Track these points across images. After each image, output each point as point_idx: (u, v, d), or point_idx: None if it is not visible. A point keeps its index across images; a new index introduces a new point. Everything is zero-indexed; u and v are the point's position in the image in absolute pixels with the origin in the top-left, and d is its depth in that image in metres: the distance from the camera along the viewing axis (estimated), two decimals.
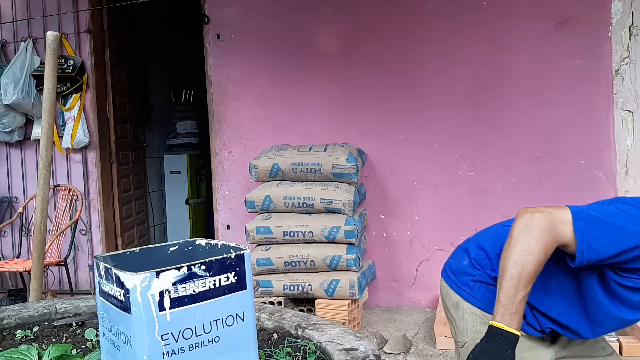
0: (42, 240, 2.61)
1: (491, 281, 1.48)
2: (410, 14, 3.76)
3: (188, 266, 1.01)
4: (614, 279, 1.29)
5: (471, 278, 1.52)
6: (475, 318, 1.49)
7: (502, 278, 1.23)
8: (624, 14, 3.42)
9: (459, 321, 1.54)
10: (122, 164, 4.81)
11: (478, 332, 1.44)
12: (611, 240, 1.21)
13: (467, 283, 1.52)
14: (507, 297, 1.20)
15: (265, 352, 1.48)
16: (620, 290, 1.30)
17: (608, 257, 1.22)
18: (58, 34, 2.54)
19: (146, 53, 5.54)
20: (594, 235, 1.21)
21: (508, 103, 3.62)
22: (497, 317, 1.20)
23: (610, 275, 1.30)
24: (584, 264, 1.24)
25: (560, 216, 1.23)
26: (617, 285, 1.30)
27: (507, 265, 1.22)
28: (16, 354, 1.38)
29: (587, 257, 1.21)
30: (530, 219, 1.23)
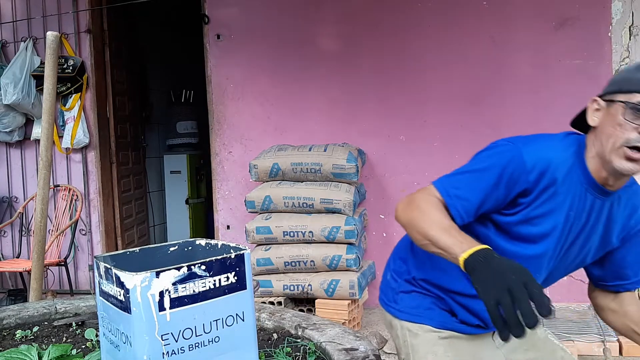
0: (42, 240, 2.62)
1: (411, 287, 1.45)
2: (410, 14, 3.76)
3: (188, 266, 1.01)
4: (503, 220, 1.31)
5: (394, 292, 1.49)
6: (405, 332, 1.45)
7: (431, 242, 1.20)
8: (624, 14, 3.42)
9: (395, 339, 1.50)
10: (122, 164, 4.81)
11: (410, 347, 1.42)
12: (471, 184, 1.26)
13: (393, 298, 1.49)
14: (445, 241, 1.16)
15: (265, 352, 1.48)
16: (514, 228, 1.30)
17: (480, 201, 1.26)
18: (58, 34, 2.54)
19: (146, 53, 5.54)
20: (454, 187, 1.27)
21: (508, 103, 3.62)
22: (460, 255, 1.11)
23: (500, 220, 1.31)
24: (465, 218, 1.26)
25: (426, 189, 1.30)
26: (510, 226, 1.30)
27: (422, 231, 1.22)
28: (16, 354, 1.38)
29: (461, 209, 1.25)
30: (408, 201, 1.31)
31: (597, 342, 2.85)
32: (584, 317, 3.18)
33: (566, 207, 1.28)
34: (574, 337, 2.89)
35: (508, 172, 1.25)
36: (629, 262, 1.42)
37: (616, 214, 1.34)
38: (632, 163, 1.19)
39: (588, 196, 1.29)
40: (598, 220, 1.32)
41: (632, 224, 1.37)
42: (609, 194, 1.30)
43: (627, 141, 1.18)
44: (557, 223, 1.29)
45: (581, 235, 1.34)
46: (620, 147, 1.19)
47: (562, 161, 1.27)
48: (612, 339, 2.86)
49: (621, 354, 2.83)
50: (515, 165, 1.26)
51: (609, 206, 1.32)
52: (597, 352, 2.82)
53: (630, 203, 1.35)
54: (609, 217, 1.33)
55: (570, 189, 1.27)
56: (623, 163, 1.20)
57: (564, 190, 1.27)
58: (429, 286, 1.44)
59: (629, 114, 1.18)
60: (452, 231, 1.18)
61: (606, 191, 1.29)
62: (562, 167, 1.26)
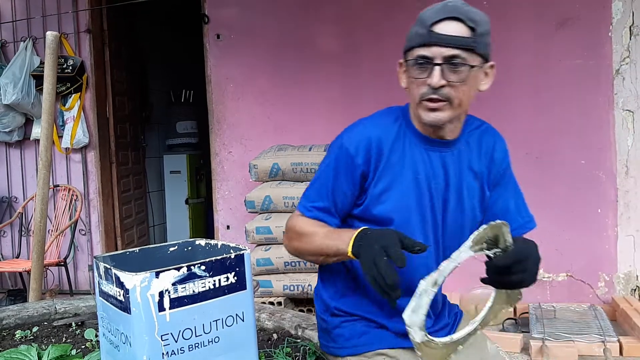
0: (42, 240, 2.61)
1: (338, 319, 1.38)
2: (410, 14, 3.74)
3: (188, 266, 1.01)
4: (359, 211, 1.32)
5: (327, 332, 1.41)
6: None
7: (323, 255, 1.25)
8: (624, 13, 3.42)
9: None
10: (122, 164, 4.81)
11: None
12: (319, 191, 1.32)
13: (329, 338, 1.40)
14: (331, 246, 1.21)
15: (265, 352, 1.48)
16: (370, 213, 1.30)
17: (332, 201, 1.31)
18: (58, 34, 2.54)
19: (146, 53, 5.54)
20: (309, 201, 1.33)
21: (508, 103, 3.62)
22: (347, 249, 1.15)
23: (357, 212, 1.33)
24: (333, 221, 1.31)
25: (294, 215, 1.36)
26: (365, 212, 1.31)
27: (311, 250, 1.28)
28: (16, 354, 1.38)
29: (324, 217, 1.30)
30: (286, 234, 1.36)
31: (598, 342, 2.85)
32: (584, 317, 3.18)
33: (409, 173, 1.28)
34: (574, 337, 2.89)
35: (340, 165, 1.30)
36: (508, 207, 1.38)
37: (472, 159, 1.33)
38: (434, 113, 1.22)
39: (432, 155, 1.30)
40: (460, 172, 1.32)
41: (496, 167, 1.36)
42: (450, 143, 1.31)
43: (422, 95, 1.21)
44: (405, 190, 1.28)
45: (450, 194, 1.31)
46: (420, 102, 1.23)
47: (383, 133, 1.29)
48: (613, 339, 2.86)
49: (621, 354, 2.83)
50: (342, 155, 1.30)
51: (457, 154, 1.32)
52: (597, 353, 2.82)
53: (482, 143, 1.36)
54: (468, 166, 1.33)
55: (405, 154, 1.29)
56: (427, 114, 1.23)
57: (397, 159, 1.28)
58: (351, 310, 1.37)
59: (414, 69, 1.22)
60: (332, 235, 1.23)
61: (446, 141, 1.30)
62: (386, 138, 1.28)
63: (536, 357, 2.80)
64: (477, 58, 1.24)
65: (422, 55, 1.20)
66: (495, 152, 1.37)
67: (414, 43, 1.22)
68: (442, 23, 1.18)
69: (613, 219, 3.48)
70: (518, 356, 2.90)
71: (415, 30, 1.23)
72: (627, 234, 3.47)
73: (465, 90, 1.23)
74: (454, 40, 1.17)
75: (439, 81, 1.18)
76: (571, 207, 3.53)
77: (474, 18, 1.20)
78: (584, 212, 3.51)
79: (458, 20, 1.18)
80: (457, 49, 1.18)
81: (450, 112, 1.23)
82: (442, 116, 1.23)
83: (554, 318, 3.18)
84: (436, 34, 1.18)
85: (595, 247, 3.51)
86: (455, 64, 1.19)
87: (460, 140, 1.33)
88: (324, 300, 1.42)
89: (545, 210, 3.57)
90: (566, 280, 3.57)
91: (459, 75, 1.20)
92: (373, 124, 1.32)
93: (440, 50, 1.18)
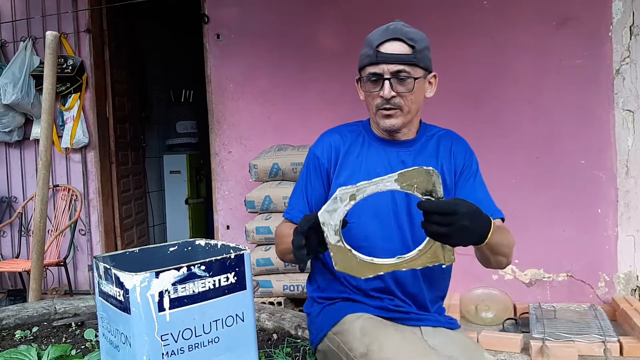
0: (42, 240, 2.61)
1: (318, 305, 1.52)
2: (409, 14, 3.75)
3: (188, 266, 1.01)
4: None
5: (310, 325, 1.53)
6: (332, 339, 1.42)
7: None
8: (625, 13, 3.42)
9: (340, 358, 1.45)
10: (122, 164, 4.81)
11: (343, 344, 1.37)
12: (297, 194, 1.55)
13: (311, 331, 1.53)
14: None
15: (265, 352, 1.48)
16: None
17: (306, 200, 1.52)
18: (57, 34, 2.54)
19: (146, 53, 5.54)
20: (290, 206, 1.55)
21: (508, 103, 3.61)
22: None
23: None
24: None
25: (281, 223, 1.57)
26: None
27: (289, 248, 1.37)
28: (16, 354, 1.38)
29: (299, 214, 1.45)
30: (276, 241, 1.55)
31: (598, 342, 2.84)
32: (585, 317, 3.18)
33: (367, 168, 1.47)
34: (575, 337, 2.88)
35: (310, 168, 1.53)
36: (475, 197, 1.41)
37: (430, 158, 1.50)
38: (389, 119, 1.43)
39: (390, 153, 1.49)
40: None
41: (455, 163, 1.52)
42: (406, 143, 1.50)
43: (377, 106, 1.43)
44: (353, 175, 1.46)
45: None
46: (376, 112, 1.44)
47: (343, 137, 1.53)
48: (613, 339, 2.86)
49: (622, 355, 2.83)
50: (311, 160, 1.53)
51: (415, 153, 1.49)
52: (597, 353, 2.82)
53: (441, 145, 1.53)
54: (428, 163, 1.47)
55: (362, 153, 1.50)
56: (384, 121, 1.44)
57: (355, 157, 1.50)
58: (331, 295, 1.50)
59: (368, 85, 1.43)
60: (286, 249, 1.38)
61: (402, 142, 1.50)
62: (345, 141, 1.52)
63: (536, 357, 2.80)
64: (420, 70, 1.44)
65: (372, 72, 1.41)
66: (453, 152, 1.53)
67: (364, 63, 1.43)
68: (386, 44, 1.40)
69: (613, 219, 3.47)
70: (518, 356, 2.90)
71: (365, 52, 1.43)
72: (628, 234, 3.47)
73: (412, 98, 1.43)
74: (397, 58, 1.39)
75: (389, 93, 1.39)
76: (571, 207, 3.53)
77: (413, 37, 1.42)
78: (584, 212, 3.51)
79: (399, 40, 1.40)
80: (401, 65, 1.39)
81: (402, 118, 1.44)
82: (395, 122, 1.43)
83: (554, 318, 3.17)
84: (382, 53, 1.39)
85: (595, 247, 3.51)
86: (401, 78, 1.40)
87: (417, 142, 1.51)
88: (309, 296, 1.57)
89: (545, 210, 3.57)
90: (566, 280, 3.57)
91: (406, 87, 1.40)
92: (335, 131, 1.56)
93: (387, 66, 1.39)
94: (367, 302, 1.45)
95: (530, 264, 3.61)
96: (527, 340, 2.94)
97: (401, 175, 1.14)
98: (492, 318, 3.36)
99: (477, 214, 1.15)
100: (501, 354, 2.92)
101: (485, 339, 2.99)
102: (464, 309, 3.45)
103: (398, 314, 1.45)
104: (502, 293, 3.49)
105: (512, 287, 3.60)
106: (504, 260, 1.37)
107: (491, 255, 1.33)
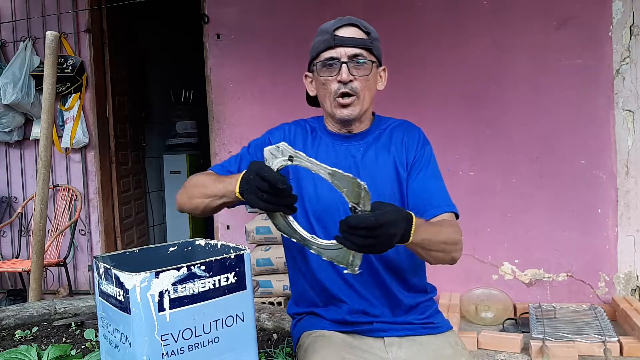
0: (42, 240, 2.61)
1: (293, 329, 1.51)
2: (409, 13, 3.75)
3: (188, 266, 1.01)
4: None
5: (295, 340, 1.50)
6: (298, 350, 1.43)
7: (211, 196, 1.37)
8: (625, 13, 3.42)
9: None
10: (122, 164, 4.81)
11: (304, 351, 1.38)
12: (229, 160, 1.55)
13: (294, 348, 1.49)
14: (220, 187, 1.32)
15: (265, 352, 1.48)
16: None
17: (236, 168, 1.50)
18: (57, 34, 2.54)
19: (146, 53, 5.53)
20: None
21: (508, 103, 3.61)
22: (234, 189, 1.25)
23: None
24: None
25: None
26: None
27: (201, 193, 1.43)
28: (16, 354, 1.38)
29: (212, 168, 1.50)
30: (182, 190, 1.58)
31: (598, 342, 2.85)
32: (585, 317, 3.18)
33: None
34: (575, 337, 2.88)
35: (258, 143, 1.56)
36: (427, 188, 1.41)
37: (384, 149, 1.45)
38: (346, 109, 1.40)
39: (338, 147, 1.46)
40: (372, 160, 1.43)
41: (409, 153, 1.46)
42: (357, 136, 1.46)
43: (335, 92, 1.39)
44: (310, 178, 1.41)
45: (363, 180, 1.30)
46: (333, 101, 1.40)
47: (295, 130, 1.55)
48: (613, 339, 2.86)
49: (622, 355, 2.83)
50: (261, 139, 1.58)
51: (366, 146, 1.45)
52: (597, 353, 2.82)
53: (393, 136, 1.48)
54: (380, 154, 1.44)
55: (312, 147, 1.48)
56: (341, 111, 1.40)
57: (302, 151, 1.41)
58: (301, 310, 1.50)
59: (323, 71, 1.41)
60: (221, 178, 1.35)
61: (353, 135, 1.46)
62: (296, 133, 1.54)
63: (536, 357, 2.80)
64: (374, 57, 1.42)
65: (329, 57, 1.39)
66: (405, 143, 1.47)
67: (320, 49, 1.42)
68: (342, 29, 1.41)
69: (613, 219, 3.47)
70: (518, 356, 2.90)
71: (320, 39, 1.43)
72: (628, 234, 3.47)
73: (369, 85, 1.41)
74: (354, 42, 1.39)
75: (348, 76, 1.37)
76: (571, 207, 3.53)
77: (367, 26, 1.43)
78: (584, 212, 3.51)
79: (355, 25, 1.41)
80: (358, 48, 1.38)
81: (359, 107, 1.40)
82: (352, 111, 1.40)
83: (554, 318, 3.17)
84: (339, 37, 1.39)
85: (595, 247, 3.51)
86: (359, 62, 1.38)
87: (370, 135, 1.47)
88: (292, 315, 1.55)
89: (545, 210, 3.57)
90: (566, 280, 3.57)
91: (363, 71, 1.39)
92: (289, 124, 1.59)
93: (345, 50, 1.38)
94: (325, 315, 1.41)
95: (530, 264, 3.61)
96: (527, 340, 2.94)
97: (332, 175, 1.10)
98: (492, 318, 3.36)
99: (402, 219, 1.09)
100: (501, 354, 2.92)
101: (485, 339, 2.99)
102: (464, 309, 3.45)
103: (356, 326, 1.38)
104: (502, 293, 3.49)
105: (512, 287, 3.60)
106: (441, 255, 1.25)
107: (423, 252, 1.21)
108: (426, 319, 1.42)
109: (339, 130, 1.47)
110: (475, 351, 2.95)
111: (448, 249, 1.27)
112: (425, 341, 1.37)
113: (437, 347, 1.35)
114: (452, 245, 1.28)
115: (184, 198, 1.49)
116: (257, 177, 1.15)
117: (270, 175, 1.13)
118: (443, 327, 1.43)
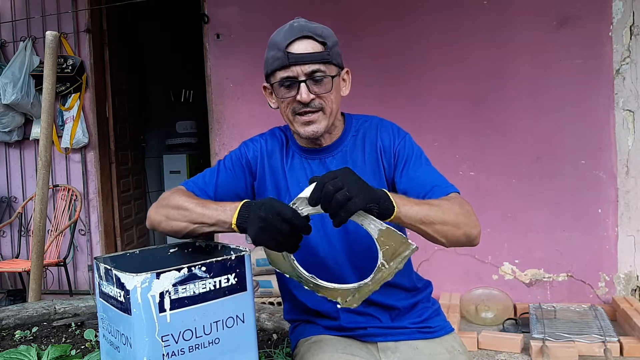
0: (41, 240, 2.61)
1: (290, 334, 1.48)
2: (410, 14, 3.75)
3: (188, 267, 1.01)
4: None
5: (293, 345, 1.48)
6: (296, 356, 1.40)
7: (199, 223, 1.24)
8: (625, 13, 3.42)
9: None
10: (122, 164, 4.81)
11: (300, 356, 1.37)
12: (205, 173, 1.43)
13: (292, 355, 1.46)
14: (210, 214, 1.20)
15: (265, 352, 1.48)
16: None
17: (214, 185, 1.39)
18: (57, 34, 2.54)
19: (146, 53, 5.53)
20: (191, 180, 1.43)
21: (508, 103, 3.61)
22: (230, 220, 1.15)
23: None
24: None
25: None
26: None
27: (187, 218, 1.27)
28: (15, 355, 1.38)
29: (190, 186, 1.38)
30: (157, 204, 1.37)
31: (598, 342, 2.85)
32: (585, 317, 3.18)
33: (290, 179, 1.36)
34: (575, 337, 2.89)
35: (234, 157, 1.42)
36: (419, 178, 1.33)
37: (360, 155, 1.37)
38: (310, 126, 1.30)
39: (312, 163, 1.37)
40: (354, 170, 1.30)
41: (388, 153, 1.36)
42: (329, 148, 1.37)
43: (294, 111, 1.29)
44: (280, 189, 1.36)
45: None
46: (294, 119, 1.31)
47: (268, 144, 1.42)
48: (613, 339, 2.86)
49: (622, 355, 2.83)
50: (236, 152, 1.43)
51: (342, 155, 1.37)
52: (597, 353, 2.82)
53: (367, 138, 1.38)
54: (357, 162, 1.36)
55: (286, 162, 1.38)
56: (304, 129, 1.30)
57: (278, 165, 1.39)
58: (295, 317, 1.46)
59: (282, 91, 1.30)
60: (207, 203, 1.24)
61: (325, 147, 1.37)
62: (270, 147, 1.41)
63: (536, 357, 2.80)
64: (334, 68, 1.31)
65: (285, 76, 1.27)
66: (380, 141, 1.37)
67: (274, 67, 1.29)
68: (295, 43, 1.27)
69: (613, 219, 3.48)
70: (518, 356, 2.90)
71: (272, 55, 1.30)
72: (628, 234, 3.47)
73: (332, 98, 1.30)
74: (310, 57, 1.26)
75: (308, 96, 1.26)
76: (571, 207, 3.53)
77: (321, 34, 1.29)
78: (584, 212, 3.51)
79: (308, 38, 1.28)
80: (315, 64, 1.26)
81: (325, 122, 1.31)
82: (318, 127, 1.30)
83: (555, 318, 3.18)
84: (293, 54, 1.26)
85: (595, 247, 3.51)
86: (317, 79, 1.27)
87: (342, 143, 1.38)
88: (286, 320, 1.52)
89: (545, 210, 3.57)
90: (566, 280, 3.57)
91: (324, 87, 1.28)
92: (264, 135, 1.45)
93: (301, 68, 1.26)
94: (321, 324, 1.38)
95: (530, 264, 3.61)
96: (527, 341, 2.94)
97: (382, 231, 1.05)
98: (492, 318, 3.36)
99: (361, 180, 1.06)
100: (501, 354, 2.92)
101: (486, 339, 2.99)
102: (464, 309, 3.45)
103: (351, 331, 1.35)
104: (502, 293, 3.49)
105: (512, 287, 3.60)
106: (451, 231, 1.16)
107: (426, 227, 1.13)
108: (422, 322, 1.38)
109: (308, 145, 1.37)
110: (475, 351, 2.95)
111: (457, 222, 1.17)
112: (421, 346, 1.33)
113: (433, 352, 1.32)
114: (461, 216, 1.18)
115: (160, 217, 1.29)
116: (277, 218, 1.04)
117: (297, 222, 1.04)
118: (440, 330, 1.38)
